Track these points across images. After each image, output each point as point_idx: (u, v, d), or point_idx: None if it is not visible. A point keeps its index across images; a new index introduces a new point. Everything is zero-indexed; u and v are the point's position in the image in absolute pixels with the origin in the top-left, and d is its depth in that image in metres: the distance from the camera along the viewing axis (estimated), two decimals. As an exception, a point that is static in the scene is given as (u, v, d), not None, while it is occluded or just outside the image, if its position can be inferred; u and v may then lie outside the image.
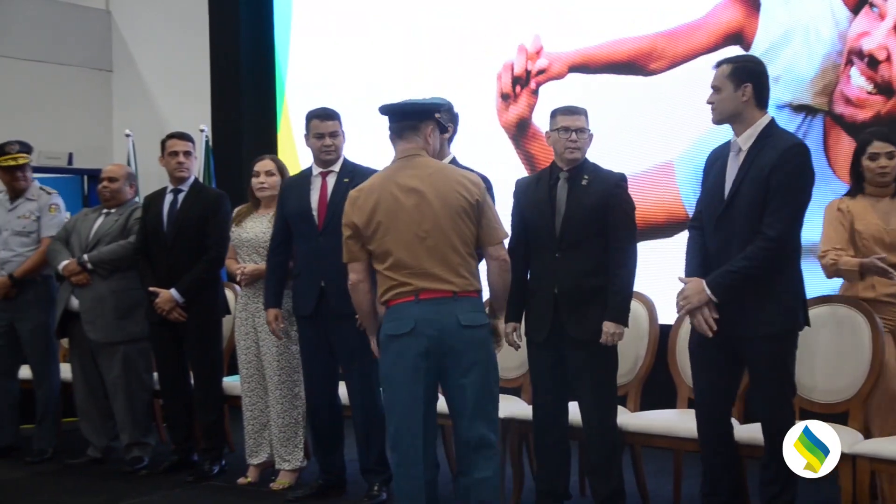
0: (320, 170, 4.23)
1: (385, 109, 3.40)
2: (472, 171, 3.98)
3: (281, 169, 4.53)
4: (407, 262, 3.23)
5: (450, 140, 4.00)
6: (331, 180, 4.21)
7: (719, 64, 3.43)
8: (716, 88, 3.37)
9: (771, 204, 3.25)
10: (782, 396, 3.37)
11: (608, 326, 3.62)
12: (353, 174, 4.14)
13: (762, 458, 3.42)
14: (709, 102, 3.40)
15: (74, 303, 4.85)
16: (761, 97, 3.38)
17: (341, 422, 4.36)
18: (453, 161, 4.01)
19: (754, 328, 3.31)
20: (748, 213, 3.29)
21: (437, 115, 3.46)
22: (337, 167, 4.24)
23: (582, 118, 3.73)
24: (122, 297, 4.81)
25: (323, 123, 4.20)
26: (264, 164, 4.51)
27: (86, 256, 4.80)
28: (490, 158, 5.77)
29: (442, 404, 4.02)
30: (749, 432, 3.56)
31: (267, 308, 4.25)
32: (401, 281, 3.23)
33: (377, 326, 3.38)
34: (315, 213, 4.17)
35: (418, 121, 3.38)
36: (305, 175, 4.30)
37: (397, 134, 3.37)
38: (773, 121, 3.39)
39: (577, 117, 3.73)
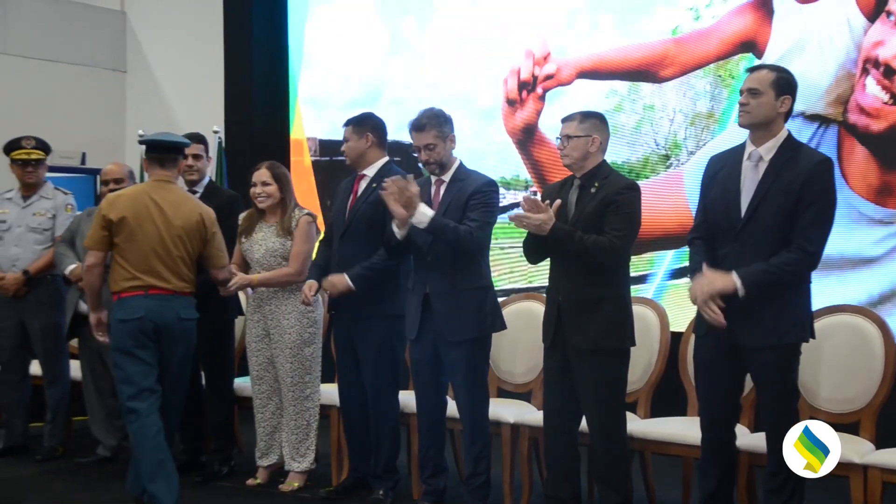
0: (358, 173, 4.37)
1: (155, 143, 4.19)
2: (483, 175, 4.04)
3: (277, 177, 4.44)
4: (143, 262, 4.02)
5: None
6: (363, 184, 4.30)
7: (758, 68, 3.43)
8: (755, 92, 3.31)
9: (806, 217, 3.24)
10: (787, 406, 3.37)
11: (543, 219, 3.53)
12: (379, 179, 4.15)
13: (767, 466, 3.41)
14: (743, 104, 3.34)
15: (83, 306, 4.86)
16: (791, 112, 3.38)
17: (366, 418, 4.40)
18: (460, 166, 4.05)
19: (765, 339, 3.30)
20: (773, 224, 3.27)
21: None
22: (370, 171, 4.29)
23: (571, 125, 3.70)
24: None
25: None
26: (260, 174, 4.43)
27: None
28: (496, 163, 5.80)
29: (452, 408, 4.06)
30: (760, 440, 3.54)
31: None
32: (135, 275, 4.02)
33: (100, 303, 4.18)
34: (346, 215, 4.32)
35: (179, 154, 4.25)
36: (349, 179, 4.39)
37: (160, 163, 4.17)
38: (791, 133, 3.39)
39: (565, 125, 3.73)
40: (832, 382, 3.73)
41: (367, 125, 4.31)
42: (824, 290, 4.67)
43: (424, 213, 3.83)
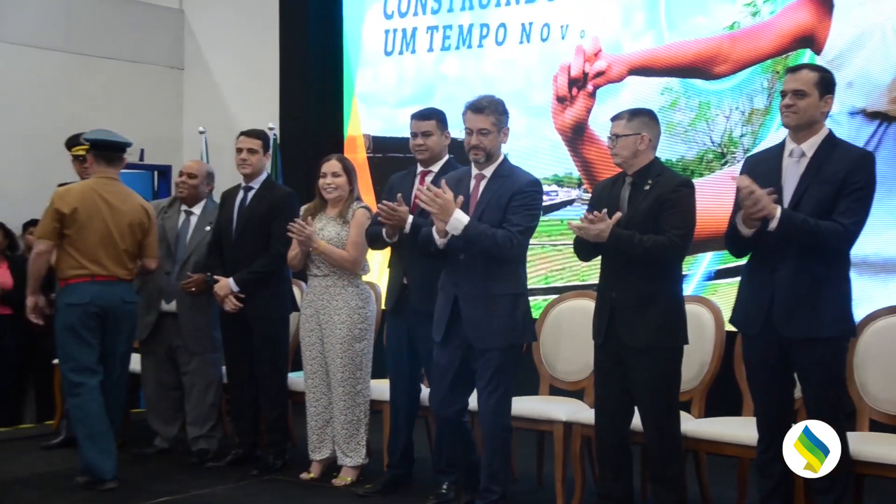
0: (421, 168, 4.28)
1: (102, 142, 4.54)
2: (527, 174, 3.92)
3: (347, 169, 4.52)
4: (91, 251, 4.41)
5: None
6: (428, 180, 4.14)
7: (799, 68, 3.42)
8: (801, 93, 3.33)
9: (846, 201, 3.27)
10: (833, 404, 3.34)
11: (602, 228, 3.50)
12: (443, 175, 4.06)
13: None
14: (788, 105, 3.34)
15: (164, 305, 4.96)
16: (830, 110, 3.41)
17: (413, 417, 4.43)
18: (503, 161, 3.87)
19: (807, 331, 3.31)
20: (815, 214, 3.28)
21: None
22: (436, 167, 4.23)
23: (620, 124, 3.67)
24: (216, 307, 4.87)
25: (416, 123, 4.22)
26: (331, 165, 4.51)
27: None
28: (549, 160, 5.77)
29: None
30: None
31: None
32: (82, 264, 4.41)
33: (39, 288, 4.52)
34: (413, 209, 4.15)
35: (123, 153, 4.59)
36: (410, 173, 4.32)
37: (107, 161, 4.54)
38: (831, 131, 3.40)
39: (614, 123, 3.70)
40: (893, 384, 3.67)
41: (446, 123, 4.26)
42: (885, 292, 4.60)
43: (459, 220, 3.65)
